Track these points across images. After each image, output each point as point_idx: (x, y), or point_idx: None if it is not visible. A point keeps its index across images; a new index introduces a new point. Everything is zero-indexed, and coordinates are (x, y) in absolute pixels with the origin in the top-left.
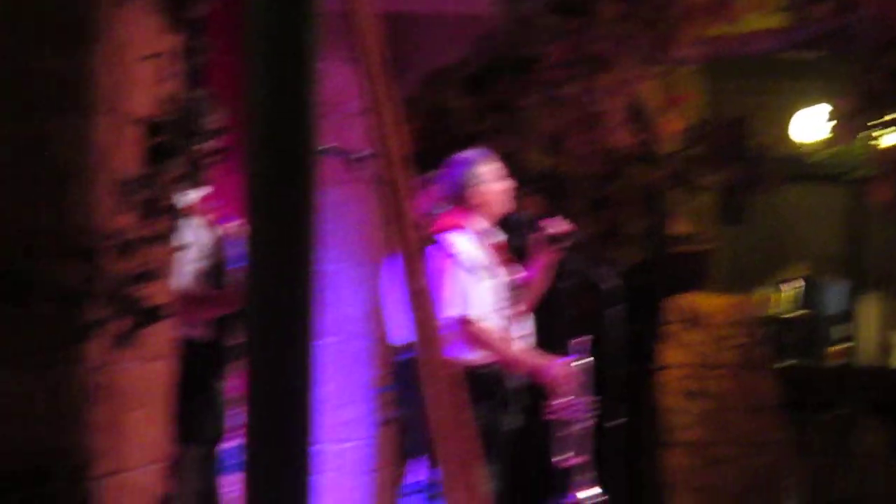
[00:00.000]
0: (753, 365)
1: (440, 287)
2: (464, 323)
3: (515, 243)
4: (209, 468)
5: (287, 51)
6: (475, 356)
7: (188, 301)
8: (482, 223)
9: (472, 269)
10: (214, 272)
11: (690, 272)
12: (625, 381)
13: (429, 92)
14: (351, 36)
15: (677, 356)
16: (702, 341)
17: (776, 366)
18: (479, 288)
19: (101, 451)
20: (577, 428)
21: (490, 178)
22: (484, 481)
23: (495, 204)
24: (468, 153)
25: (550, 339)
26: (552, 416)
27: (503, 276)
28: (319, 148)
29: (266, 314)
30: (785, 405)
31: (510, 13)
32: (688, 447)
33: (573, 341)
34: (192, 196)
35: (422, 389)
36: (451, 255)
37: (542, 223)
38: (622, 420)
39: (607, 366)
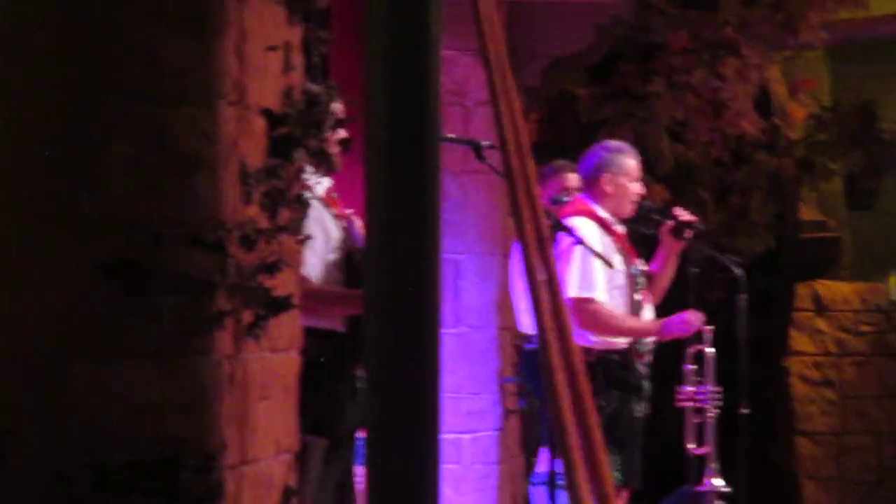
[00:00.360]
0: (884, 352)
1: (564, 270)
2: (586, 303)
3: (642, 232)
4: (346, 458)
5: (409, 41)
6: (604, 343)
7: (320, 299)
8: (610, 212)
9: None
10: (345, 263)
11: (819, 259)
12: (753, 370)
13: (552, 80)
14: (473, 26)
15: (806, 344)
16: (831, 329)
17: None
18: (603, 273)
19: (229, 442)
20: (705, 416)
21: (626, 170)
22: (611, 471)
23: (626, 197)
24: (610, 142)
25: None
26: (682, 404)
27: (628, 264)
28: (443, 137)
29: (390, 305)
30: None
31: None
32: (817, 436)
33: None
34: (320, 187)
35: (545, 378)
36: (576, 240)
37: (669, 212)
38: (750, 409)
39: (735, 355)
